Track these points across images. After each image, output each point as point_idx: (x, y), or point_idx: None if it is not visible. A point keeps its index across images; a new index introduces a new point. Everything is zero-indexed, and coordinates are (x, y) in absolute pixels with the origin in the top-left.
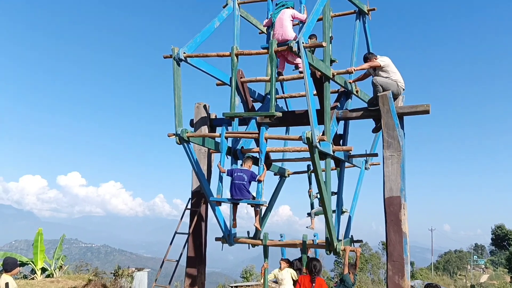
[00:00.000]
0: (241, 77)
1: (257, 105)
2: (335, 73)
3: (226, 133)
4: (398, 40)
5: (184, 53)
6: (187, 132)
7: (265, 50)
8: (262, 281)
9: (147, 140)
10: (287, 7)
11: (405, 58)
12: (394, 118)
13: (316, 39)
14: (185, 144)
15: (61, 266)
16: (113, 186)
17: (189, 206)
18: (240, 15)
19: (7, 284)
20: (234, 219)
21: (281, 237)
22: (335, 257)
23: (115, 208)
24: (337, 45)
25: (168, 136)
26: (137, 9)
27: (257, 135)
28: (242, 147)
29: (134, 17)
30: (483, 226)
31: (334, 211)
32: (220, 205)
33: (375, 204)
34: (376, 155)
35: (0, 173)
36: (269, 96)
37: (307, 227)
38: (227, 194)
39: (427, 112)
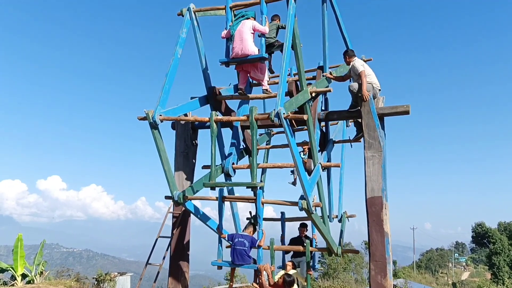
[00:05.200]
0: (217, 94)
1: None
2: (313, 92)
3: (223, 197)
4: (380, 39)
5: (160, 115)
6: (185, 195)
7: (245, 117)
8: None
9: (129, 142)
10: (247, 18)
11: (389, 60)
12: (375, 119)
13: (279, 21)
14: (185, 204)
15: (41, 272)
16: (94, 189)
17: (171, 209)
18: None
19: None
20: (232, 281)
21: (281, 214)
22: (320, 257)
23: (96, 211)
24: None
25: (165, 198)
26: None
27: (254, 200)
28: (233, 163)
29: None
30: (464, 224)
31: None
32: (221, 268)
33: (358, 203)
34: (350, 140)
35: None
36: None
37: (289, 182)
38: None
39: (407, 112)
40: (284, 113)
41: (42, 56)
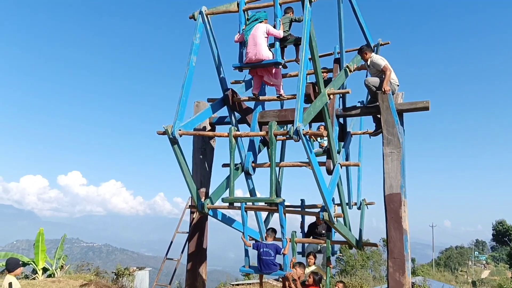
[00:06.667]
0: (233, 96)
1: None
2: (331, 94)
3: (245, 207)
4: (398, 34)
5: (179, 130)
6: (208, 204)
7: (264, 133)
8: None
9: (147, 139)
10: (261, 21)
11: (408, 55)
12: (394, 115)
13: (292, 13)
14: (208, 213)
15: (62, 266)
16: (114, 185)
17: (189, 206)
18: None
19: (10, 284)
20: (261, 286)
21: (301, 202)
22: (338, 253)
23: (115, 207)
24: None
25: (189, 207)
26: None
27: (276, 210)
28: (252, 162)
29: (128, 19)
30: (484, 222)
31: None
32: (249, 275)
33: (376, 200)
34: (368, 132)
35: (1, 173)
36: (258, 108)
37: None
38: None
39: (426, 108)
40: (303, 130)
41: (60, 55)
